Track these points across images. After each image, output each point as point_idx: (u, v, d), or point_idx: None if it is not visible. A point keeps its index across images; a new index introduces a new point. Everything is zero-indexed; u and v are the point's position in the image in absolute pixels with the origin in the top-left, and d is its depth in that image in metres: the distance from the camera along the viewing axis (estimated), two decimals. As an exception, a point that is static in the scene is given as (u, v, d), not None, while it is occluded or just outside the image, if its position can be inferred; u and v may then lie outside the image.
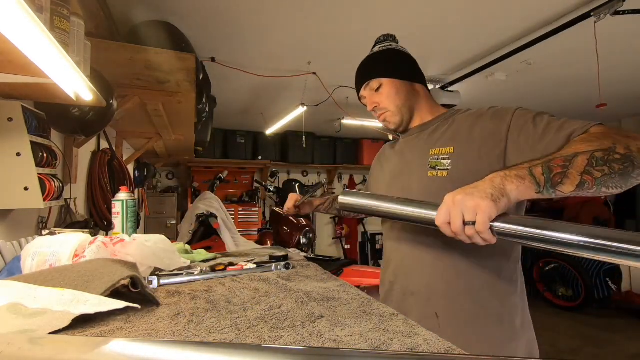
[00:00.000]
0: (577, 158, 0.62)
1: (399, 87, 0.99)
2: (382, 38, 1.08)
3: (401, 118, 1.00)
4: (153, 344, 0.37)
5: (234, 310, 0.61)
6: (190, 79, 1.67)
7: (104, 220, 1.99)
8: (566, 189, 0.62)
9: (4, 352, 0.31)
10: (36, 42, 0.62)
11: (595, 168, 0.61)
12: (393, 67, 1.00)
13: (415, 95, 1.02)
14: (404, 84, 1.00)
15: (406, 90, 1.00)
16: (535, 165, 0.63)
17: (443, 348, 0.46)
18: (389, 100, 0.98)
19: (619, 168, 0.61)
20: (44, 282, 0.61)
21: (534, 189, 0.62)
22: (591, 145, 0.63)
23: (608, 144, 0.62)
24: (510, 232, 0.60)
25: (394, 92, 0.98)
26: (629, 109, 4.36)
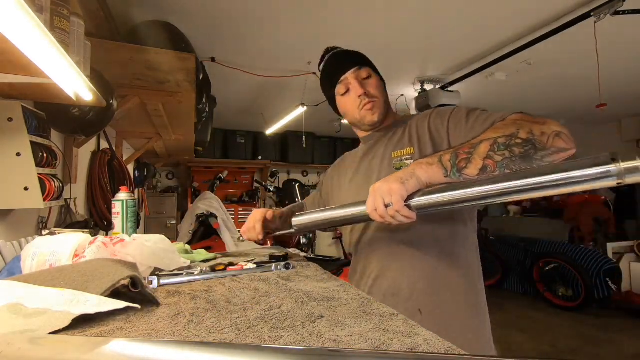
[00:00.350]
0: (481, 144, 0.70)
1: (383, 85, 1.03)
2: (335, 48, 1.12)
3: (385, 112, 1.01)
4: (153, 344, 0.37)
5: (234, 310, 0.61)
6: (190, 79, 1.67)
7: (104, 220, 1.99)
8: (470, 172, 0.70)
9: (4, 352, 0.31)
10: (36, 42, 0.62)
11: (496, 153, 0.68)
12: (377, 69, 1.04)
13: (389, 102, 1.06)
14: (384, 85, 1.04)
15: (386, 93, 1.04)
16: (446, 153, 0.73)
17: (443, 348, 0.46)
18: (379, 92, 0.99)
19: (519, 151, 0.67)
20: (44, 282, 0.61)
21: (442, 172, 0.72)
22: (497, 132, 0.71)
23: (512, 130, 0.69)
24: (425, 204, 0.71)
25: (381, 87, 1.01)
26: (629, 109, 4.36)
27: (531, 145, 0.67)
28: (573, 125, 4.95)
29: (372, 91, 0.98)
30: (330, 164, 4.94)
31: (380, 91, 1.00)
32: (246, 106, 4.05)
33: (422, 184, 0.72)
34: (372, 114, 0.99)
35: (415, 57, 2.77)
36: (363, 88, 0.97)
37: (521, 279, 4.55)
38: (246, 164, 5.36)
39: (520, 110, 0.81)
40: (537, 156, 0.67)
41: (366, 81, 0.99)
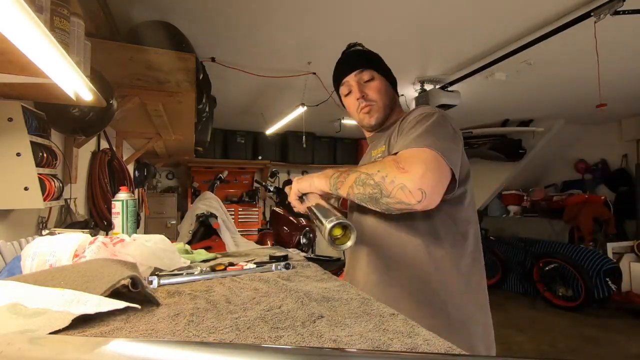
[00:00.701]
0: (353, 174, 0.80)
1: (387, 87, 1.02)
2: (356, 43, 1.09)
3: (383, 115, 1.01)
4: (153, 344, 0.37)
5: (234, 310, 0.61)
6: (190, 79, 1.67)
7: (104, 220, 1.99)
8: (341, 193, 0.82)
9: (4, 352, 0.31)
10: (36, 42, 0.62)
11: (356, 185, 0.78)
12: (384, 68, 1.03)
13: (394, 102, 1.05)
14: (390, 89, 1.03)
15: (391, 94, 1.03)
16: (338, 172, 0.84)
17: (443, 348, 0.46)
18: (379, 95, 0.99)
19: (369, 192, 0.75)
20: (44, 282, 0.61)
21: (328, 186, 0.85)
22: (368, 168, 0.78)
23: (374, 170, 0.76)
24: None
25: (384, 89, 1.00)
26: (629, 109, 4.36)
27: (378, 190, 0.74)
28: (573, 125, 4.97)
29: (370, 94, 0.99)
30: (330, 164, 4.97)
31: (381, 94, 0.99)
32: (246, 106, 4.05)
33: (314, 188, 0.88)
34: (370, 117, 1.01)
35: (415, 57, 2.77)
36: (361, 91, 0.99)
37: (521, 279, 4.55)
38: (246, 164, 5.36)
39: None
40: (383, 201, 0.74)
41: (367, 84, 1.00)
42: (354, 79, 1.00)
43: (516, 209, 5.51)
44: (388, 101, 1.01)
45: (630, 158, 4.82)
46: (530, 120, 4.71)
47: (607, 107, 2.69)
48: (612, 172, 5.00)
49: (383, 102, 1.00)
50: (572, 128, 4.97)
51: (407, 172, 0.71)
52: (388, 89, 1.02)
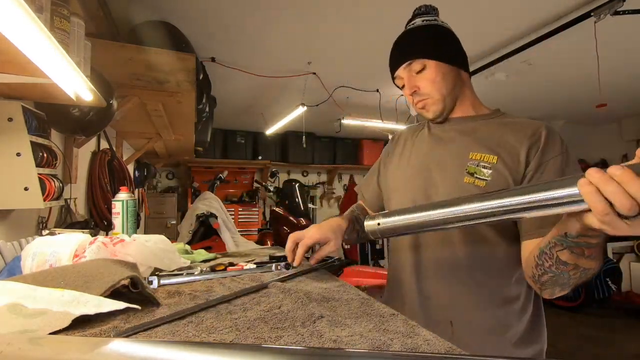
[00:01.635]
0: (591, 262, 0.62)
1: (445, 72, 0.86)
2: (424, 9, 0.93)
3: (443, 107, 0.88)
4: (153, 344, 0.37)
5: (234, 311, 0.61)
6: (190, 79, 1.67)
7: (104, 220, 1.99)
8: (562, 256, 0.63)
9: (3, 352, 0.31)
10: (36, 42, 0.62)
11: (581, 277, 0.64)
12: (441, 48, 0.87)
13: (461, 84, 0.90)
14: (451, 69, 0.87)
15: (453, 77, 0.87)
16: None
17: (443, 348, 0.46)
18: (433, 86, 0.86)
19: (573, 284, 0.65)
20: (44, 282, 0.61)
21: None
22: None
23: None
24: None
25: (439, 77, 0.85)
26: (629, 109, 4.36)
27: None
28: (573, 125, 4.97)
29: (423, 88, 0.87)
30: (330, 164, 4.93)
31: (436, 84, 0.85)
32: (246, 106, 4.05)
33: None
34: (427, 112, 0.90)
35: (415, 57, 2.77)
36: (413, 85, 0.87)
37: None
38: (246, 164, 5.36)
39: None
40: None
41: (419, 76, 0.87)
42: (405, 73, 0.89)
43: (516, 209, 5.50)
44: (447, 90, 0.86)
45: (630, 158, 4.67)
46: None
47: (607, 107, 2.69)
48: (612, 172, 4.99)
49: (440, 94, 0.86)
50: (572, 128, 4.97)
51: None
52: (445, 75, 0.86)
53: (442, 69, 0.85)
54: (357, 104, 3.82)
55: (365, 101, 3.73)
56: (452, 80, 0.87)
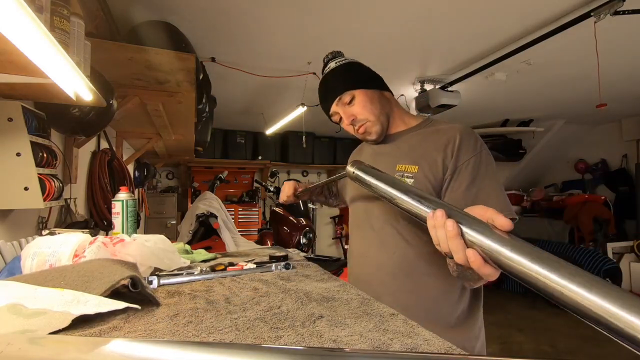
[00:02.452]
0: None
1: (371, 96, 0.96)
2: (332, 55, 1.05)
3: (381, 126, 0.97)
4: (153, 344, 0.37)
5: (234, 311, 0.61)
6: (190, 79, 1.67)
7: (104, 220, 1.99)
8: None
9: (4, 352, 0.31)
10: (36, 42, 0.62)
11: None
12: (360, 78, 0.98)
13: (388, 103, 1.00)
14: (375, 92, 0.98)
15: (378, 98, 0.98)
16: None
17: (443, 348, 0.46)
18: (366, 110, 0.95)
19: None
20: (44, 282, 0.61)
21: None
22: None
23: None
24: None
25: (368, 102, 0.96)
26: (629, 109, 4.36)
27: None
28: (573, 125, 4.97)
29: (359, 115, 0.96)
30: (330, 164, 4.94)
31: (368, 108, 0.95)
32: (246, 106, 4.05)
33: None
34: (370, 135, 0.99)
35: (415, 57, 2.77)
36: (349, 116, 0.97)
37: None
38: (246, 164, 5.36)
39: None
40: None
41: (351, 106, 0.96)
42: (338, 107, 0.98)
43: (516, 209, 5.50)
44: (378, 110, 0.96)
45: (630, 158, 4.82)
46: (530, 120, 4.71)
47: (607, 107, 2.69)
48: (612, 172, 5.00)
49: (374, 115, 0.96)
50: (572, 128, 4.97)
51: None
52: (372, 99, 0.96)
53: (368, 94, 0.96)
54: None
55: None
56: (379, 102, 0.97)
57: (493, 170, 0.84)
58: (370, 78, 1.00)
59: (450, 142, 0.86)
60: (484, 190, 0.81)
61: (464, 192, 0.81)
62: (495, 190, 0.81)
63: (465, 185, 0.81)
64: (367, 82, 0.98)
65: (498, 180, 0.83)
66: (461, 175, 0.83)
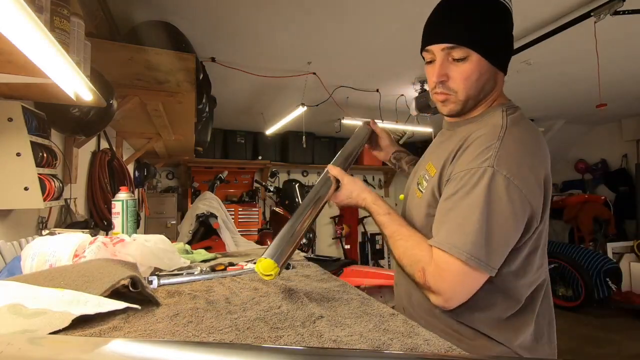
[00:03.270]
0: (411, 239, 0.76)
1: (483, 71, 0.74)
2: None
3: (462, 109, 0.79)
4: (153, 344, 0.37)
5: (234, 311, 0.61)
6: (190, 79, 1.67)
7: (104, 220, 1.99)
8: (391, 242, 0.79)
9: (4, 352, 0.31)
10: (36, 42, 0.62)
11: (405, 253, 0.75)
12: (492, 42, 0.74)
13: (492, 88, 0.79)
14: (491, 69, 0.75)
15: (488, 79, 0.76)
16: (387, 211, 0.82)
17: (443, 348, 0.46)
18: (465, 84, 0.75)
19: (404, 262, 0.75)
20: (44, 282, 0.61)
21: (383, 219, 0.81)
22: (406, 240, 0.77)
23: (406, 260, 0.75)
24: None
25: (475, 76, 0.74)
26: (629, 109, 4.36)
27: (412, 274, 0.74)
28: (573, 125, 4.96)
29: (453, 81, 0.75)
30: (330, 164, 4.79)
31: (469, 83, 0.74)
32: (246, 106, 4.05)
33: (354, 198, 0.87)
34: (443, 107, 0.80)
35: (415, 57, 2.76)
36: (443, 73, 0.75)
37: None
38: (246, 164, 5.35)
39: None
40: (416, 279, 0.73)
41: (456, 64, 0.74)
42: (441, 54, 0.75)
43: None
44: (475, 91, 0.76)
45: (630, 158, 4.82)
46: (530, 120, 4.70)
47: (607, 107, 2.69)
48: (612, 172, 5.00)
49: (466, 94, 0.76)
50: (572, 128, 4.97)
51: (434, 293, 0.68)
52: (483, 74, 0.74)
53: (483, 66, 0.74)
54: (357, 104, 3.82)
55: (365, 101, 3.73)
56: (484, 82, 0.76)
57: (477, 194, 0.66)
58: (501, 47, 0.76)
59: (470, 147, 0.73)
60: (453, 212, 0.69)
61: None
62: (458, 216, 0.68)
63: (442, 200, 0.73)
64: (494, 52, 0.74)
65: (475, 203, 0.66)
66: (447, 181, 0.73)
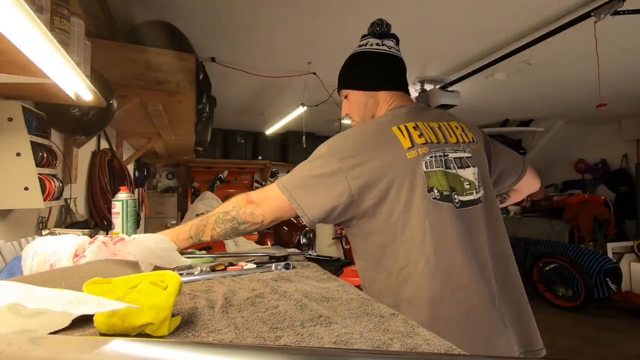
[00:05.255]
0: (211, 219, 0.90)
1: (359, 98, 1.02)
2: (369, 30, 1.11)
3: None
4: (153, 344, 0.37)
5: (233, 311, 0.61)
6: (190, 79, 1.67)
7: (104, 220, 1.99)
8: (205, 238, 0.90)
9: (4, 352, 0.31)
10: (36, 42, 0.62)
11: (217, 225, 0.89)
12: (355, 78, 1.03)
13: (375, 105, 1.02)
14: (364, 95, 1.02)
15: (365, 102, 1.02)
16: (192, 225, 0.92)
17: (443, 348, 0.46)
18: (354, 111, 1.04)
19: (229, 226, 0.89)
20: (44, 283, 0.61)
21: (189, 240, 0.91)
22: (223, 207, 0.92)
23: (229, 207, 0.90)
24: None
25: (355, 104, 1.03)
26: (629, 109, 4.36)
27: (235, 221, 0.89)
28: (573, 125, 4.96)
29: (349, 112, 1.06)
30: (330, 164, 4.79)
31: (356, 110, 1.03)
32: (246, 106, 4.05)
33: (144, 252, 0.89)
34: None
35: (415, 57, 2.77)
36: (345, 110, 1.07)
37: (521, 279, 4.54)
38: (246, 164, 5.36)
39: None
40: (241, 228, 0.89)
41: (347, 101, 1.06)
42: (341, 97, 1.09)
43: (516, 209, 5.50)
44: (362, 113, 1.02)
45: (630, 158, 4.82)
46: (530, 120, 4.70)
47: (607, 107, 2.69)
48: (612, 172, 5.00)
49: (359, 117, 1.03)
50: (572, 128, 4.97)
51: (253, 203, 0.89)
52: (360, 100, 1.02)
53: (357, 96, 1.02)
54: (357, 104, 3.82)
55: (365, 101, 3.73)
56: (364, 104, 1.02)
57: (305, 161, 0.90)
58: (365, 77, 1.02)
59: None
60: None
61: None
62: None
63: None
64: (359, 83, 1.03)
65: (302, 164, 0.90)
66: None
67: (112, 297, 0.50)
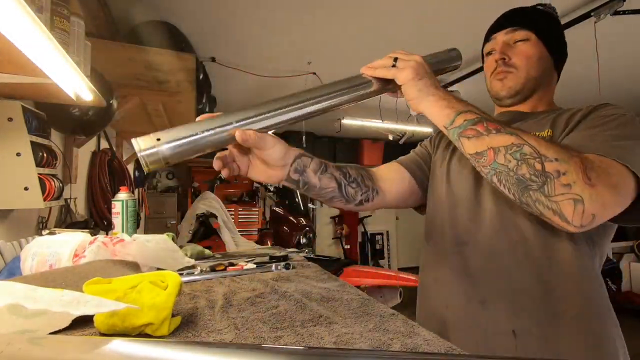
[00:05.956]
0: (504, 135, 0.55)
1: (542, 56, 0.77)
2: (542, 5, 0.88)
3: (521, 88, 0.78)
4: (153, 344, 0.37)
5: (234, 311, 0.61)
6: (190, 79, 1.68)
7: (104, 220, 1.99)
8: (466, 148, 0.59)
9: (4, 352, 0.31)
10: (36, 42, 0.62)
11: (506, 154, 0.54)
12: (550, 33, 0.79)
13: (548, 79, 0.82)
14: (549, 58, 0.79)
15: (545, 67, 0.79)
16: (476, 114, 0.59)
17: (443, 348, 0.46)
18: (525, 62, 0.76)
19: (523, 173, 0.53)
20: (44, 283, 0.61)
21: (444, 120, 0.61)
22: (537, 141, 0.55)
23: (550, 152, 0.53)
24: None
25: (535, 57, 0.76)
26: (629, 109, 4.36)
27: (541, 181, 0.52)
28: (573, 125, 4.96)
29: (515, 58, 0.76)
30: (330, 164, 4.84)
31: (530, 62, 0.76)
32: (246, 106, 4.05)
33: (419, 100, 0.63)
34: (501, 85, 0.78)
35: (415, 57, 2.77)
36: (504, 52, 0.76)
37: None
38: (246, 164, 5.35)
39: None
40: (534, 196, 0.53)
41: (517, 46, 0.77)
42: (503, 37, 0.78)
43: (516, 209, 5.50)
44: (536, 73, 0.77)
45: (630, 158, 4.81)
46: (530, 120, 4.70)
47: (607, 107, 2.69)
48: (612, 172, 5.00)
49: (527, 73, 0.76)
50: (572, 128, 4.96)
51: (593, 186, 0.52)
52: (544, 60, 0.77)
53: (542, 51, 0.77)
54: (357, 104, 3.82)
55: (365, 101, 3.73)
56: (544, 68, 0.78)
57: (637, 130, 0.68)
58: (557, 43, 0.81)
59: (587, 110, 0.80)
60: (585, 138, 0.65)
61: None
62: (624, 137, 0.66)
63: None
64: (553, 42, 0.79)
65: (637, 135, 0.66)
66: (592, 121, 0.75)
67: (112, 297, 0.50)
